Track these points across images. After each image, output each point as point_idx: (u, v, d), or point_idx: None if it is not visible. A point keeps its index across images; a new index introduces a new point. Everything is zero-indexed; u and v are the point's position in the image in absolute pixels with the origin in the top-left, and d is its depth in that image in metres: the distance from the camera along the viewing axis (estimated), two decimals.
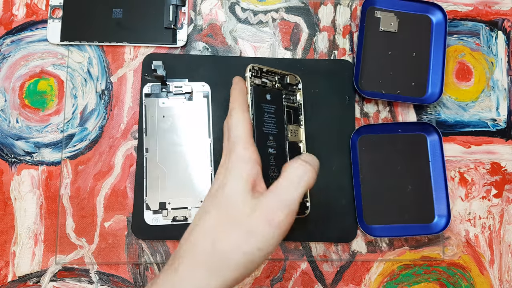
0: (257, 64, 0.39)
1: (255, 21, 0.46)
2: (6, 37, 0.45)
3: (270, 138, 0.38)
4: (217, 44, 0.46)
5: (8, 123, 0.44)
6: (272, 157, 0.38)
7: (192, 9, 0.46)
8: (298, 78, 0.42)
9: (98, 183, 0.43)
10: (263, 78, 0.39)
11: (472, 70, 0.47)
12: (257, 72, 0.39)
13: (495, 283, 0.44)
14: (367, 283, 0.43)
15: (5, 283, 0.42)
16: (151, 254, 0.43)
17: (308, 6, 0.47)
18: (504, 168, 0.46)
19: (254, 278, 0.43)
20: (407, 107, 0.46)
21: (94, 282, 0.42)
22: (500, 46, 0.48)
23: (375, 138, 0.45)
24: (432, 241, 0.44)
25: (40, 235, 0.43)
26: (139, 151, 0.43)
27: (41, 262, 0.42)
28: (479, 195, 0.45)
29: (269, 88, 0.40)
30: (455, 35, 0.48)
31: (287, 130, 0.40)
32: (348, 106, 0.45)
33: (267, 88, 0.40)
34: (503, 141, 0.46)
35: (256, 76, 0.39)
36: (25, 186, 0.43)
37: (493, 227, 0.45)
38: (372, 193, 0.44)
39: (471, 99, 0.47)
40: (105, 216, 0.43)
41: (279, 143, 0.39)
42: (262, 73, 0.39)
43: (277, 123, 0.39)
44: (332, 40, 0.47)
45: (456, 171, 0.46)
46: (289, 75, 0.41)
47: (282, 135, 0.40)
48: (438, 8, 0.46)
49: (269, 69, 0.40)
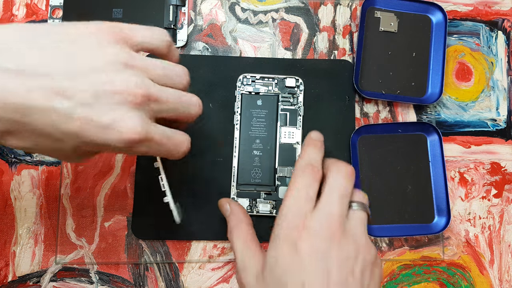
0: (249, 74, 0.42)
1: (255, 21, 0.46)
2: None
3: (257, 141, 0.42)
4: (217, 44, 0.46)
5: None
6: (256, 159, 0.42)
7: (192, 9, 0.46)
8: (300, 80, 0.43)
9: (98, 183, 0.43)
10: (257, 84, 0.42)
11: (472, 70, 0.47)
12: (248, 80, 0.42)
13: (495, 283, 0.44)
14: None
15: (5, 283, 0.42)
16: (151, 254, 0.43)
17: (308, 6, 0.47)
18: (504, 168, 0.46)
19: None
20: (407, 107, 0.46)
21: (94, 282, 0.42)
22: (500, 46, 0.48)
23: (375, 138, 0.45)
24: (432, 241, 0.44)
25: (40, 235, 0.43)
26: None
27: (41, 262, 0.42)
28: (479, 195, 0.45)
29: (262, 94, 0.42)
30: (455, 35, 0.48)
31: (280, 132, 0.42)
32: (348, 106, 0.45)
33: (259, 94, 0.42)
34: (503, 141, 0.46)
35: (248, 84, 0.42)
36: (25, 186, 0.43)
37: (493, 227, 0.45)
38: (372, 193, 0.44)
39: (471, 99, 0.47)
40: (105, 216, 0.43)
41: (267, 145, 0.42)
42: (256, 80, 0.42)
43: (266, 126, 0.42)
44: (332, 40, 0.47)
45: (456, 171, 0.46)
46: (288, 78, 0.42)
47: (271, 138, 0.42)
48: (438, 8, 0.46)
49: (263, 75, 0.42)
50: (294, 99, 0.43)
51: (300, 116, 0.43)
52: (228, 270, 0.43)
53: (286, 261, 0.29)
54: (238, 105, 0.42)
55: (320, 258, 0.28)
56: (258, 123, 0.42)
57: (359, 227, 0.31)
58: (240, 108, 0.42)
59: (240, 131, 0.42)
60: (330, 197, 0.31)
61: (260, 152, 0.42)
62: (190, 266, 0.43)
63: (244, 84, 0.43)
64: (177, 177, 0.43)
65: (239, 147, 0.42)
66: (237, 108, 0.42)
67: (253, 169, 0.42)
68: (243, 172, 0.42)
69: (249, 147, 0.42)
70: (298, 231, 0.29)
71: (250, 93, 0.43)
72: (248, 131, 0.42)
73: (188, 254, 0.43)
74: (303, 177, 0.32)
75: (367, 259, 0.30)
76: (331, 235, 0.29)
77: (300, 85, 0.43)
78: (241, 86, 0.43)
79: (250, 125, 0.42)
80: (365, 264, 0.29)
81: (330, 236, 0.29)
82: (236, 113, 0.42)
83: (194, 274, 0.43)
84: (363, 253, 0.30)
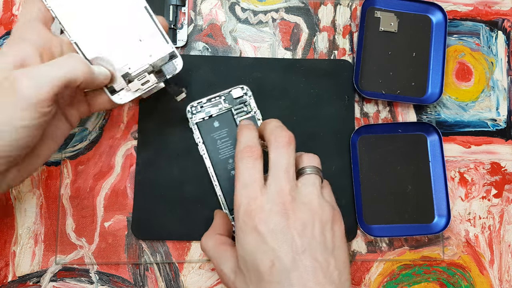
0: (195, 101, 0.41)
1: (255, 21, 0.46)
2: (6, 37, 0.45)
3: (230, 161, 0.42)
4: (217, 44, 0.46)
5: None
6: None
7: (192, 9, 0.46)
8: (245, 87, 0.43)
9: (98, 183, 0.43)
10: (206, 108, 0.42)
11: (472, 70, 0.47)
12: (196, 108, 0.42)
13: (495, 283, 0.44)
14: (367, 283, 0.43)
15: (5, 283, 0.42)
16: (151, 254, 0.43)
17: (308, 6, 0.47)
18: (504, 168, 0.46)
19: None
20: (407, 107, 0.46)
21: (94, 282, 0.42)
22: (500, 46, 0.48)
23: (375, 138, 0.45)
24: (432, 241, 0.44)
25: (40, 235, 0.43)
26: (139, 151, 0.43)
27: (41, 262, 0.42)
28: (479, 195, 0.45)
29: (215, 115, 0.42)
30: (455, 35, 0.48)
31: None
32: (348, 106, 0.45)
33: (213, 116, 0.42)
34: (503, 141, 0.46)
35: (198, 111, 0.42)
36: (25, 186, 0.43)
37: (493, 227, 0.45)
38: (372, 193, 0.44)
39: (471, 99, 0.47)
40: (105, 216, 0.43)
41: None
42: (204, 104, 0.42)
43: (233, 143, 0.42)
44: (332, 40, 0.47)
45: (456, 171, 0.46)
46: (233, 89, 0.42)
47: None
48: (438, 8, 0.46)
49: (209, 97, 0.42)
50: (247, 107, 0.43)
51: (260, 120, 0.43)
52: None
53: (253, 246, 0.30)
54: (198, 135, 0.42)
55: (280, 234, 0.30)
56: (224, 144, 0.42)
57: (310, 191, 0.32)
58: (201, 137, 0.42)
59: (211, 159, 0.42)
60: (275, 173, 0.32)
61: None
62: (190, 266, 0.43)
63: (194, 113, 0.42)
64: (177, 178, 0.43)
65: (216, 175, 0.42)
66: (197, 139, 0.42)
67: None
68: (230, 196, 0.41)
69: (225, 170, 0.42)
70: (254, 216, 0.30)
71: (204, 119, 0.42)
72: (218, 155, 0.42)
73: (188, 254, 0.43)
74: (243, 161, 0.33)
75: (323, 219, 0.31)
76: (284, 210, 0.30)
77: (247, 91, 0.43)
78: (192, 117, 0.42)
79: (217, 149, 0.42)
80: (322, 224, 0.31)
81: (283, 210, 0.30)
82: (199, 144, 0.42)
83: (194, 274, 0.43)
84: (318, 215, 0.31)
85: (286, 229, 0.30)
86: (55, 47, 0.33)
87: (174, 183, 0.43)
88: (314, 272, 0.29)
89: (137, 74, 0.36)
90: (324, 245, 0.30)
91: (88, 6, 0.34)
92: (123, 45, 0.35)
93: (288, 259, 0.29)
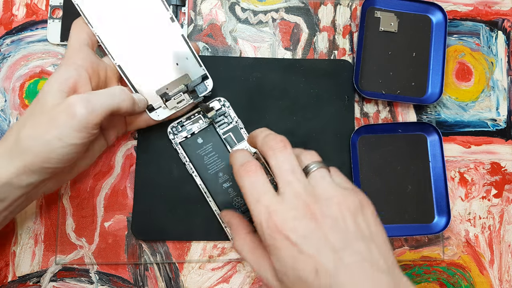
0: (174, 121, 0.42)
1: (255, 21, 0.46)
2: (6, 37, 0.45)
3: (220, 174, 0.42)
4: (217, 44, 0.46)
5: (8, 123, 0.44)
6: (230, 190, 0.42)
7: (192, 9, 0.46)
8: (222, 99, 0.43)
9: (98, 183, 0.43)
10: (187, 126, 0.42)
11: (472, 70, 0.47)
12: (177, 128, 0.42)
13: (495, 283, 0.44)
14: None
15: (5, 283, 0.42)
16: (151, 254, 0.43)
17: (308, 6, 0.47)
18: (504, 168, 0.46)
19: (253, 278, 0.43)
20: (407, 107, 0.46)
21: (94, 282, 0.42)
22: (500, 46, 0.48)
23: (375, 138, 0.45)
24: (432, 241, 0.44)
25: (40, 235, 0.43)
26: (139, 151, 0.43)
27: (41, 262, 0.42)
28: (479, 195, 0.45)
29: (197, 132, 0.42)
30: (455, 35, 0.48)
31: None
32: (347, 106, 0.45)
33: (195, 133, 0.42)
34: (503, 141, 0.46)
35: (179, 131, 0.42)
36: None
37: (493, 227, 0.45)
38: (372, 193, 0.44)
39: (471, 99, 0.47)
40: (105, 216, 0.43)
41: (231, 173, 0.42)
42: (184, 123, 0.42)
43: (220, 156, 0.42)
44: (332, 40, 0.47)
45: (456, 171, 0.46)
46: (210, 103, 0.42)
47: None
48: (438, 8, 0.46)
49: (188, 115, 0.42)
50: (228, 117, 0.43)
51: (242, 129, 0.43)
52: (228, 270, 0.43)
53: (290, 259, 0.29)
54: (183, 154, 0.42)
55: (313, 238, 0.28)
56: (211, 159, 0.42)
57: (326, 186, 0.30)
58: (187, 156, 0.42)
59: (201, 176, 0.42)
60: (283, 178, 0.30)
61: (229, 182, 0.42)
62: (190, 266, 0.43)
63: (176, 133, 0.42)
64: (177, 178, 0.43)
65: (209, 190, 0.42)
66: (183, 158, 0.42)
67: (232, 201, 0.42)
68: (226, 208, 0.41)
69: (217, 184, 0.42)
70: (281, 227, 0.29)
71: (187, 137, 0.42)
72: (207, 171, 0.42)
73: (188, 254, 0.43)
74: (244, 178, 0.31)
75: (351, 208, 0.29)
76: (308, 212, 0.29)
77: (225, 102, 0.43)
78: (174, 137, 0.42)
79: (205, 165, 0.42)
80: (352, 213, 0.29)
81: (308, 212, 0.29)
82: (186, 163, 0.42)
83: (194, 274, 0.43)
84: (344, 205, 0.29)
85: (317, 230, 0.28)
86: (101, 71, 0.37)
87: (174, 183, 0.43)
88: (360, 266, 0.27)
89: (174, 94, 0.39)
90: (361, 234, 0.29)
91: (130, 33, 0.38)
92: (161, 68, 0.39)
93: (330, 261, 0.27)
